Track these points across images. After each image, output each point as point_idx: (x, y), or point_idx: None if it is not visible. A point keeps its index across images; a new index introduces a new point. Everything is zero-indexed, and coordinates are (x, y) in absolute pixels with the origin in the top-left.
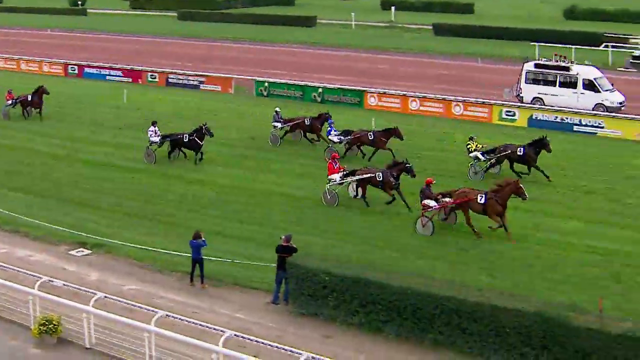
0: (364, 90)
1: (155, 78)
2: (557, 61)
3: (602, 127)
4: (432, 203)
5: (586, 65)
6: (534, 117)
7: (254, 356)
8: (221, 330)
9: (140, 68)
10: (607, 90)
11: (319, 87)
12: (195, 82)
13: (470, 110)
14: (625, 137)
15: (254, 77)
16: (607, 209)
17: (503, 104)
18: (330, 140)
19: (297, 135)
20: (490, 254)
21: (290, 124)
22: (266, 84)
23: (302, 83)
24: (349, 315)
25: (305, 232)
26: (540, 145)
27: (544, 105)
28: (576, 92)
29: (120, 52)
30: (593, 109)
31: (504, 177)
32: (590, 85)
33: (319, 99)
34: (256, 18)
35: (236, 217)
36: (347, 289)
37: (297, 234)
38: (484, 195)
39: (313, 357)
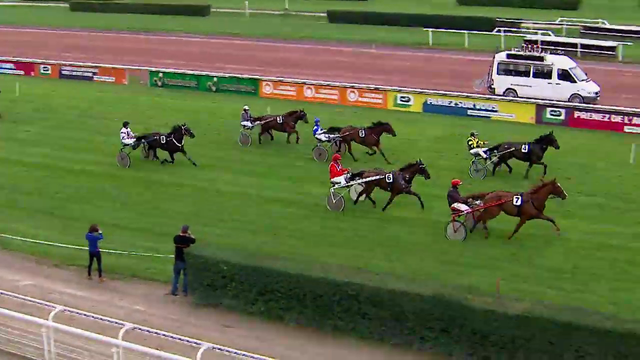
0: (259, 79)
1: (48, 70)
2: (530, 51)
3: (496, 111)
4: (463, 207)
5: (559, 55)
6: (428, 102)
7: (155, 348)
8: (120, 324)
9: (32, 60)
10: (582, 80)
11: (214, 77)
12: (88, 74)
13: (365, 97)
14: (518, 120)
15: (148, 68)
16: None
17: (397, 89)
18: (318, 139)
19: (266, 136)
20: (388, 239)
21: (262, 122)
22: (161, 74)
23: (197, 72)
24: (248, 304)
25: (203, 222)
26: (546, 141)
27: (517, 96)
28: (551, 83)
29: (12, 44)
30: (569, 100)
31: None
32: (565, 76)
33: (214, 89)
34: (150, 8)
35: (134, 209)
36: (246, 278)
37: (195, 225)
38: (520, 197)
39: (213, 347)
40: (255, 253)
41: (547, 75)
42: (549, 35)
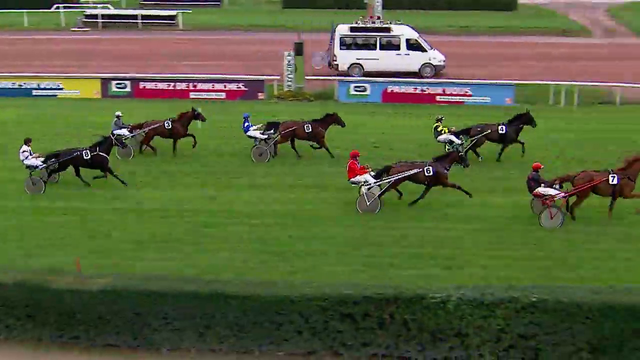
0: None
1: None
2: (373, 23)
3: (62, 89)
4: (551, 191)
5: (401, 24)
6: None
7: None
8: None
9: None
10: (431, 49)
11: None
12: None
13: None
14: (84, 96)
15: None
16: None
17: None
18: (251, 137)
19: (138, 145)
20: None
21: (145, 129)
22: None
23: None
24: None
25: None
26: (524, 120)
27: (363, 71)
28: (400, 54)
29: None
30: (420, 70)
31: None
32: (415, 45)
33: None
34: None
35: None
36: None
37: None
38: (615, 176)
39: None
40: None
41: (395, 46)
42: (109, 8)
